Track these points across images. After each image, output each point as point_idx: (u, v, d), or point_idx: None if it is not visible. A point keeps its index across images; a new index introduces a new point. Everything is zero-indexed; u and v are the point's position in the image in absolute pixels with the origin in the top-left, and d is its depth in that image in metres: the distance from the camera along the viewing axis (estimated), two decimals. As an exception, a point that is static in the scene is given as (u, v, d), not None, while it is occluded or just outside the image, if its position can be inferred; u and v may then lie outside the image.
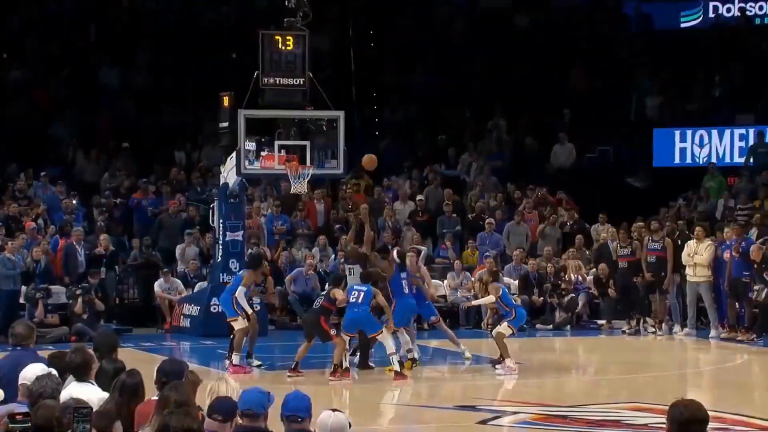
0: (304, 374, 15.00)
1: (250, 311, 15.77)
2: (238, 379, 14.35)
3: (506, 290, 16.65)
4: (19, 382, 7.39)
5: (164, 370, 7.19)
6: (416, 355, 16.19)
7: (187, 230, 22.24)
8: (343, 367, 15.01)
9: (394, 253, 16.31)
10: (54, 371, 7.33)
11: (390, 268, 16.08)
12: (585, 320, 21.76)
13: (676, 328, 20.43)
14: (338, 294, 15.21)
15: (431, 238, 23.83)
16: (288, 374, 14.91)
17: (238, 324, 15.60)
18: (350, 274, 15.98)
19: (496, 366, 15.99)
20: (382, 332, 15.21)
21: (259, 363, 16.12)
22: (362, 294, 15.21)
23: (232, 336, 16.01)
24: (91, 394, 7.18)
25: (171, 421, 5.34)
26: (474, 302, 19.00)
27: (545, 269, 22.28)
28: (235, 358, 15.58)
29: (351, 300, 15.22)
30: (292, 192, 19.92)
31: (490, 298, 16.48)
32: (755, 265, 19.13)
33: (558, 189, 25.46)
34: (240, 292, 15.64)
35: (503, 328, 16.11)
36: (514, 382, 15.73)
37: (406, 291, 16.15)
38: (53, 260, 20.24)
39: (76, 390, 7.23)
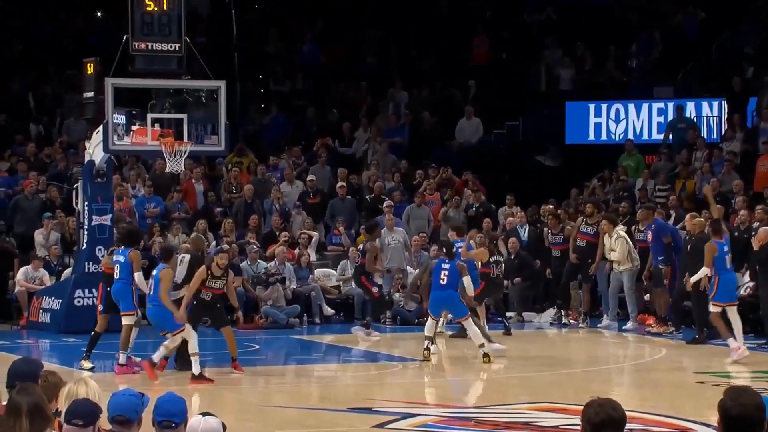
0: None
1: (146, 290, 15.35)
2: (122, 380, 14.24)
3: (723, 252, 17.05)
4: None
5: (15, 372, 6.97)
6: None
7: (47, 213, 21.81)
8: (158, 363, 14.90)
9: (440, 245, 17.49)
10: None
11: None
12: (492, 312, 21.89)
13: (605, 320, 20.74)
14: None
15: (323, 222, 23.79)
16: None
17: (128, 320, 15.35)
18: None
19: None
20: (184, 329, 14.80)
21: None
22: (152, 282, 15.02)
23: (93, 332, 15.68)
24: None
25: None
26: None
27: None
28: (122, 357, 15.35)
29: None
30: (167, 171, 19.70)
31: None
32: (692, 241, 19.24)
33: (463, 168, 25.59)
34: (139, 278, 15.29)
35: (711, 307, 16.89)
36: (414, 382, 15.76)
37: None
38: None
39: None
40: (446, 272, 16.46)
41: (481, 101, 28.39)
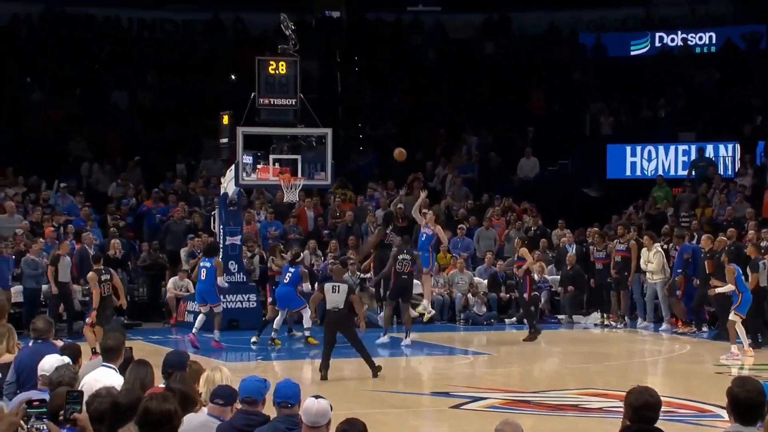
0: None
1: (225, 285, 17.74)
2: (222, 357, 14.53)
3: (740, 273, 16.81)
4: (39, 373, 7.28)
5: (169, 361, 7.11)
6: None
7: (190, 234, 22.07)
8: None
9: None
10: (70, 361, 7.23)
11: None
12: (547, 315, 21.76)
13: (641, 322, 20.46)
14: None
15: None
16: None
17: (220, 308, 17.38)
18: (335, 292, 14.79)
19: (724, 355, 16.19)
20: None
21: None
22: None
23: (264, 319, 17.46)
24: (114, 380, 7.10)
25: (151, 406, 5.28)
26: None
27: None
28: (217, 334, 16.96)
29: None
30: (284, 201, 19.87)
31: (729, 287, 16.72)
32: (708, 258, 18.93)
33: (523, 198, 25.47)
34: (221, 281, 17.39)
35: (733, 315, 16.45)
36: (483, 371, 15.68)
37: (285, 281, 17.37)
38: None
39: (100, 376, 7.16)
40: (290, 274, 17.28)
41: (538, 144, 28.26)
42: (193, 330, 17.19)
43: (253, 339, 17.44)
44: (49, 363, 7.18)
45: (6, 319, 9.01)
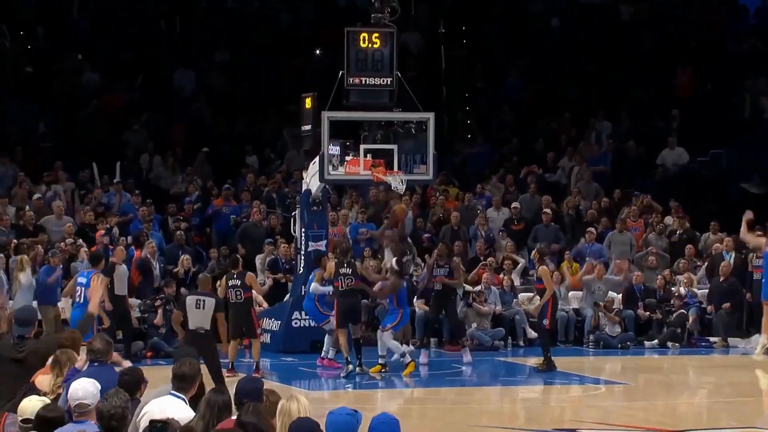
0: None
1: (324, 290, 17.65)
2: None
3: None
4: (71, 402, 7.27)
5: (243, 390, 7.19)
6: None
7: (268, 239, 22.29)
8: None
9: (393, 262, 17.87)
10: (97, 386, 7.32)
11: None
12: (696, 337, 21.44)
13: None
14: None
15: (527, 248, 23.72)
16: (226, 374, 15.06)
17: (332, 325, 17.31)
18: (198, 307, 14.67)
19: None
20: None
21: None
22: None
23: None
24: (182, 413, 7.23)
25: None
26: None
27: (655, 282, 22.04)
28: (331, 353, 17.59)
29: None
30: (392, 189, 19.71)
31: None
32: None
33: (665, 196, 25.15)
34: (314, 287, 17.54)
35: None
36: (618, 405, 15.54)
37: None
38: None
39: (167, 405, 7.32)
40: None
41: (685, 130, 27.88)
42: (325, 354, 17.81)
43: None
44: (84, 389, 7.27)
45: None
